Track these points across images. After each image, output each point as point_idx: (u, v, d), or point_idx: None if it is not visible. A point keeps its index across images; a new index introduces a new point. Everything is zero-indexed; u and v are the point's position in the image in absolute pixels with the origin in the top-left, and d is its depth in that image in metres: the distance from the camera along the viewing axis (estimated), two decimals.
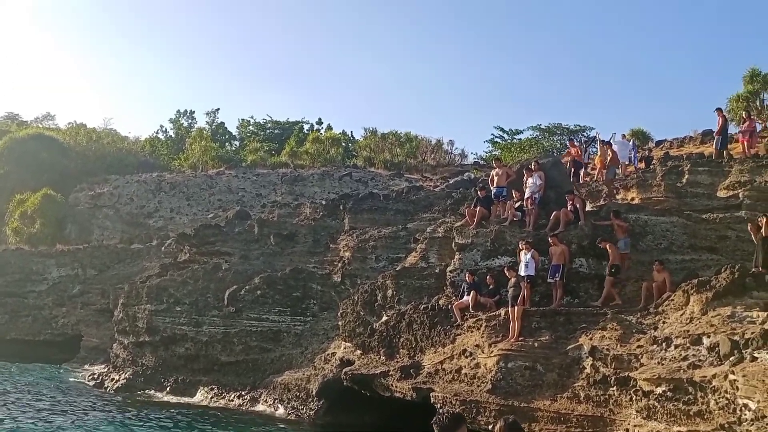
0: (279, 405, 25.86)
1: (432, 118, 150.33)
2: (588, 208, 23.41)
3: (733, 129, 31.55)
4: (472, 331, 20.17)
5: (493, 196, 24.12)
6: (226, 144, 75.21)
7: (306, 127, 74.56)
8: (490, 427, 16.86)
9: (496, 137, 65.38)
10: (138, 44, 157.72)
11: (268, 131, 75.03)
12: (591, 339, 17.37)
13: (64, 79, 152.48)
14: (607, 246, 19.93)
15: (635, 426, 15.06)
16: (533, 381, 17.74)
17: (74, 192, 55.88)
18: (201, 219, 46.97)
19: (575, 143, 28.87)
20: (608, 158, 25.66)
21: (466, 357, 19.59)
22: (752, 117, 26.98)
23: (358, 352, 23.71)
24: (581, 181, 26.95)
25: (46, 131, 67.02)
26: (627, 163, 28.53)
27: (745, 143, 25.36)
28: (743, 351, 13.81)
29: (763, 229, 16.71)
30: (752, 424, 11.45)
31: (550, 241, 20.33)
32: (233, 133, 78.81)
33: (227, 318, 30.82)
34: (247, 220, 37.02)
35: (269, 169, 56.72)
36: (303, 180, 53.30)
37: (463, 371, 19.30)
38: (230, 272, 32.64)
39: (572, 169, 27.10)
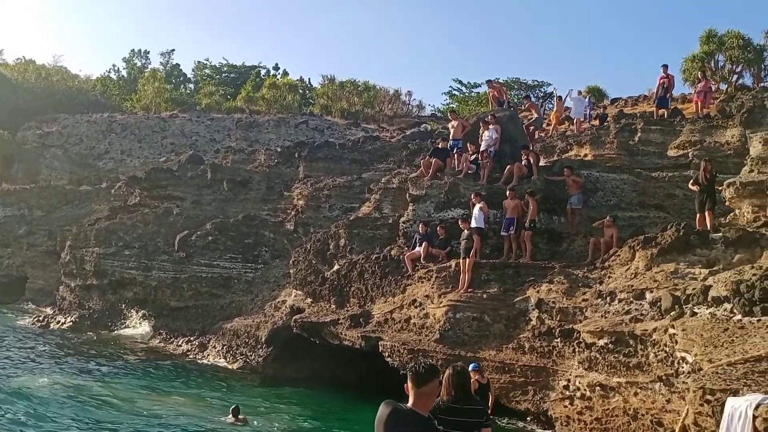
0: (227, 351, 25.89)
1: (391, 68, 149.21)
2: (542, 163, 23.61)
3: (686, 89, 31.99)
4: (422, 282, 20.36)
5: (448, 148, 24.15)
6: (181, 87, 73.64)
7: (263, 72, 73.33)
8: None
9: (454, 90, 65.18)
10: None
11: (224, 75, 73.62)
12: (538, 292, 17.70)
13: (10, 13, 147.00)
14: (530, 199, 20.13)
15: (577, 377, 15.48)
16: (480, 332, 18.05)
17: (22, 130, 54.33)
18: (153, 162, 46.18)
19: (494, 84, 28.97)
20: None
21: (416, 307, 19.81)
22: (707, 78, 27.33)
23: (309, 300, 23.79)
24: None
25: None
26: (582, 119, 28.77)
27: (699, 103, 25.73)
28: (684, 306, 14.22)
29: (701, 173, 17.11)
30: (689, 377, 11.80)
31: (507, 194, 20.45)
32: (188, 76, 77.22)
33: (177, 263, 30.63)
34: (200, 165, 36.55)
35: (224, 113, 55.80)
36: (258, 126, 52.60)
37: (412, 321, 19.52)
38: (181, 217, 32.36)
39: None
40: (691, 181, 17.53)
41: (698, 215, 17.09)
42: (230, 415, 16.79)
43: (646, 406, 13.77)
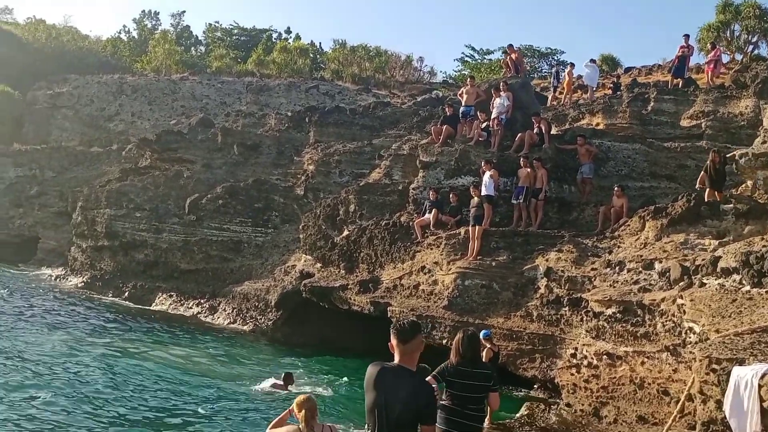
0: (237, 314, 26.15)
1: (402, 33, 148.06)
2: (553, 131, 23.51)
3: (702, 59, 31.69)
4: (431, 249, 20.45)
5: (460, 115, 24.07)
6: (191, 49, 73.30)
7: (274, 35, 72.86)
8: (444, 341, 17.34)
9: (467, 56, 64.75)
10: None
11: (234, 38, 73.17)
12: (547, 260, 17.76)
13: None
14: (540, 168, 20.06)
15: (584, 345, 15.60)
16: (488, 299, 18.17)
17: (32, 90, 54.30)
18: (163, 125, 46.13)
19: (514, 49, 28.45)
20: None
21: (425, 273, 19.94)
22: (717, 47, 27.07)
23: (318, 265, 23.96)
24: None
25: (3, 25, 64.59)
26: (594, 87, 28.60)
27: (710, 72, 25.54)
28: (693, 277, 14.26)
29: (709, 164, 16.79)
30: (695, 347, 11.87)
31: (521, 162, 20.41)
32: (199, 38, 76.82)
33: (188, 226, 30.81)
34: (210, 128, 36.51)
35: (235, 77, 55.58)
36: (269, 90, 52.41)
37: (420, 287, 19.67)
38: (192, 180, 32.45)
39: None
40: (701, 174, 17.12)
41: (708, 189, 16.92)
42: (279, 381, 16.53)
43: (653, 375, 13.88)
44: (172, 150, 34.31)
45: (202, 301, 28.31)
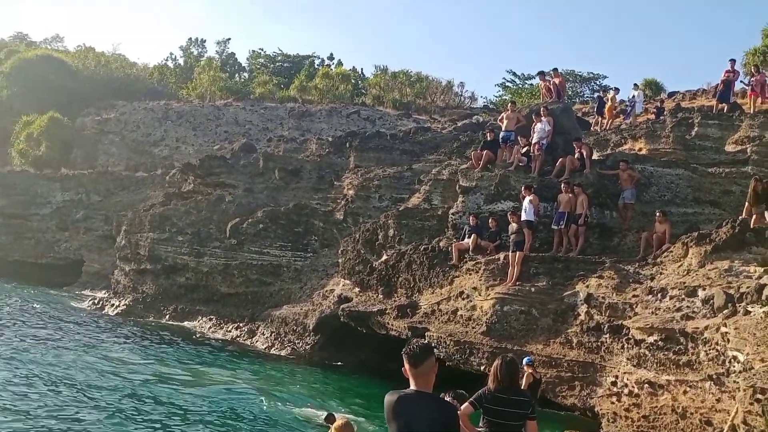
0: (275, 338, 26.26)
1: (444, 59, 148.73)
2: (594, 156, 23.34)
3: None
4: (470, 274, 20.37)
5: (500, 140, 24.04)
6: (236, 75, 74.48)
7: (317, 62, 73.72)
8: (482, 367, 17.20)
9: (508, 81, 64.79)
10: None
11: (278, 64, 74.23)
12: (587, 286, 17.55)
13: (70, 1, 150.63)
14: (581, 193, 19.87)
15: (625, 373, 15.34)
16: (527, 325, 18.00)
17: (81, 116, 55.69)
18: (206, 150, 46.86)
19: (558, 73, 27.79)
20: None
21: (463, 299, 19.84)
22: (762, 71, 26.69)
23: (357, 289, 23.99)
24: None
25: (54, 53, 66.40)
26: (638, 112, 28.39)
27: (753, 97, 25.19)
28: (737, 305, 13.98)
29: (750, 192, 16.53)
30: (740, 376, 11.64)
31: (562, 187, 20.28)
32: (243, 65, 78.06)
33: (228, 250, 31.13)
34: (252, 153, 36.98)
35: (277, 102, 56.27)
36: (310, 115, 52.95)
37: (459, 313, 19.57)
38: (233, 204, 32.81)
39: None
40: (746, 205, 16.89)
41: (754, 216, 16.59)
42: (321, 419, 16.43)
43: (695, 405, 13.59)
44: (215, 175, 34.77)
45: (241, 324, 28.50)
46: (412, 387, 5.39)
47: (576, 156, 22.07)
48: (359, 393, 19.72)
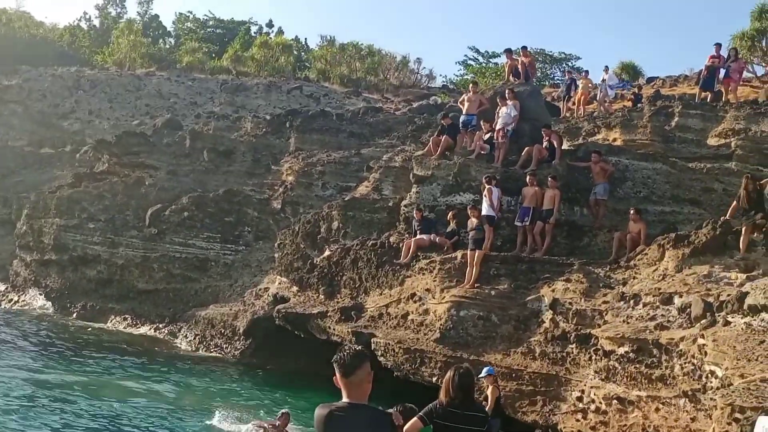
0: (200, 342, 26.07)
1: (399, 31, 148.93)
2: (565, 146, 23.63)
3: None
4: (423, 274, 20.44)
5: (460, 125, 24.16)
6: (159, 41, 73.55)
7: (254, 29, 73.38)
8: (435, 378, 17.32)
9: (470, 59, 65.24)
10: None
11: (209, 30, 73.57)
12: (553, 291, 17.78)
13: None
14: (553, 187, 20.09)
15: (592, 387, 15.61)
16: (486, 332, 18.16)
17: None
18: (124, 125, 46.15)
19: (527, 52, 28.09)
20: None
21: (415, 302, 19.92)
22: (739, 57, 27.26)
23: (295, 288, 23.92)
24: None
25: None
26: (609, 98, 28.90)
27: (730, 84, 25.81)
28: (716, 314, 14.30)
29: (741, 191, 16.72)
30: (717, 393, 11.93)
31: (527, 180, 20.45)
32: (168, 29, 77.11)
33: (148, 240, 30.82)
34: (178, 131, 36.65)
35: (207, 74, 55.83)
36: (246, 90, 52.59)
37: (409, 317, 19.64)
38: (154, 189, 32.47)
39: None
40: (733, 204, 17.11)
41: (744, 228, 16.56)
42: (266, 422, 16.23)
43: (668, 424, 13.90)
44: (134, 154, 34.35)
45: (160, 326, 28.30)
46: (345, 399, 5.40)
47: (544, 145, 22.28)
48: (293, 405, 19.67)
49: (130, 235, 31.29)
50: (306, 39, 72.63)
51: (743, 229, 15.82)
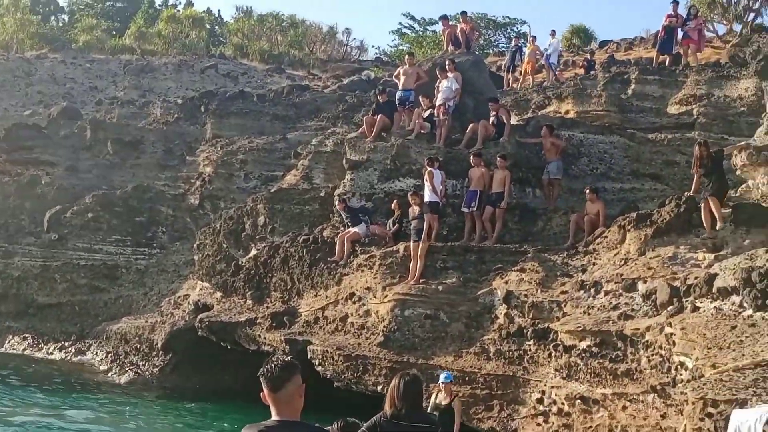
0: (113, 360, 25.78)
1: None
2: (513, 121, 23.83)
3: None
4: (362, 271, 20.46)
5: (397, 102, 24.19)
6: (51, 18, 72.16)
7: (158, 1, 72.27)
8: (380, 387, 17.36)
9: (405, 27, 65.35)
10: None
11: (107, 4, 72.36)
12: (507, 282, 17.95)
13: None
14: (502, 168, 20.26)
15: (553, 387, 15.81)
16: (435, 333, 18.26)
17: None
18: (14, 117, 45.13)
19: (467, 18, 28.37)
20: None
21: (354, 302, 19.94)
22: (698, 15, 27.79)
23: (218, 294, 23.77)
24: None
25: None
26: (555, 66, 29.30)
27: (689, 46, 26.31)
28: (684, 299, 14.58)
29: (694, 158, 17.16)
30: (687, 386, 12.13)
31: (473, 160, 20.55)
32: (61, 5, 75.71)
33: (47, 247, 30.41)
34: (76, 121, 36.10)
35: (108, 54, 54.99)
36: (153, 71, 51.91)
37: (349, 320, 19.67)
38: (52, 188, 32.01)
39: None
40: (696, 178, 17.47)
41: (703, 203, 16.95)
42: None
43: (637, 423, 14.14)
44: (26, 149, 33.88)
45: (66, 344, 27.97)
46: (274, 417, 5.37)
47: (491, 121, 22.45)
48: (221, 428, 19.59)
49: (27, 243, 30.84)
50: (219, 11, 72.43)
51: (702, 205, 16.16)
